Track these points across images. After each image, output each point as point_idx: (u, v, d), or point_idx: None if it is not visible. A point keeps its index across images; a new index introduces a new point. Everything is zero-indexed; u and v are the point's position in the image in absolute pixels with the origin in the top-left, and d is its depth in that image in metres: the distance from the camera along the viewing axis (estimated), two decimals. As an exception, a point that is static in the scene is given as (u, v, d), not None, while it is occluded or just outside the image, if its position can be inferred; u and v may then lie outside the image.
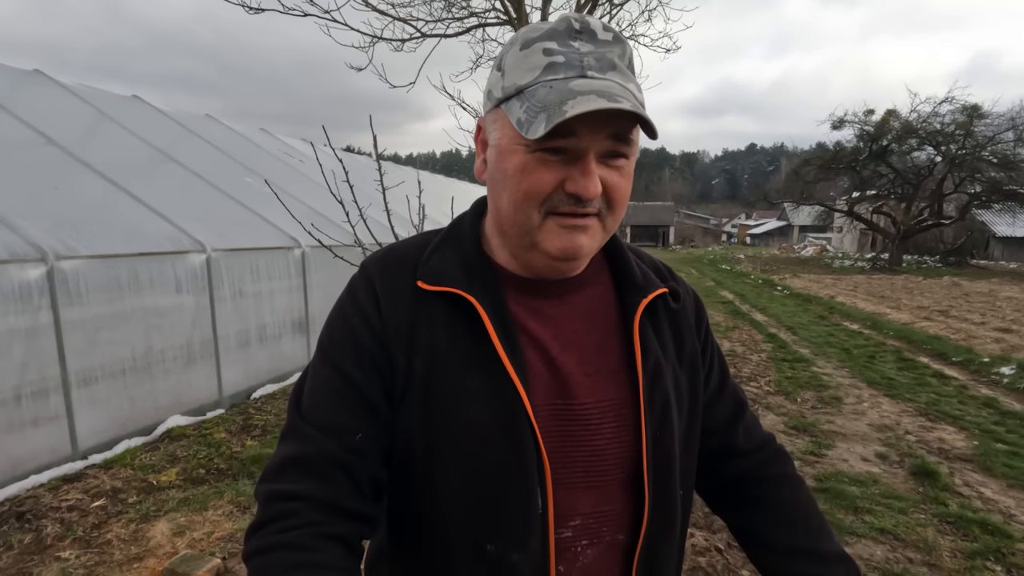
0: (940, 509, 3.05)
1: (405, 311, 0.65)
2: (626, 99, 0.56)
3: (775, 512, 0.79)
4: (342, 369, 0.65)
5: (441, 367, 0.63)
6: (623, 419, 0.67)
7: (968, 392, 5.36)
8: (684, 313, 0.77)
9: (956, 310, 10.88)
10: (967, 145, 20.55)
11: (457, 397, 0.62)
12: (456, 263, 0.67)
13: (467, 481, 0.62)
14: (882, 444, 4.00)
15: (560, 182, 0.59)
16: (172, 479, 3.13)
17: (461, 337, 0.64)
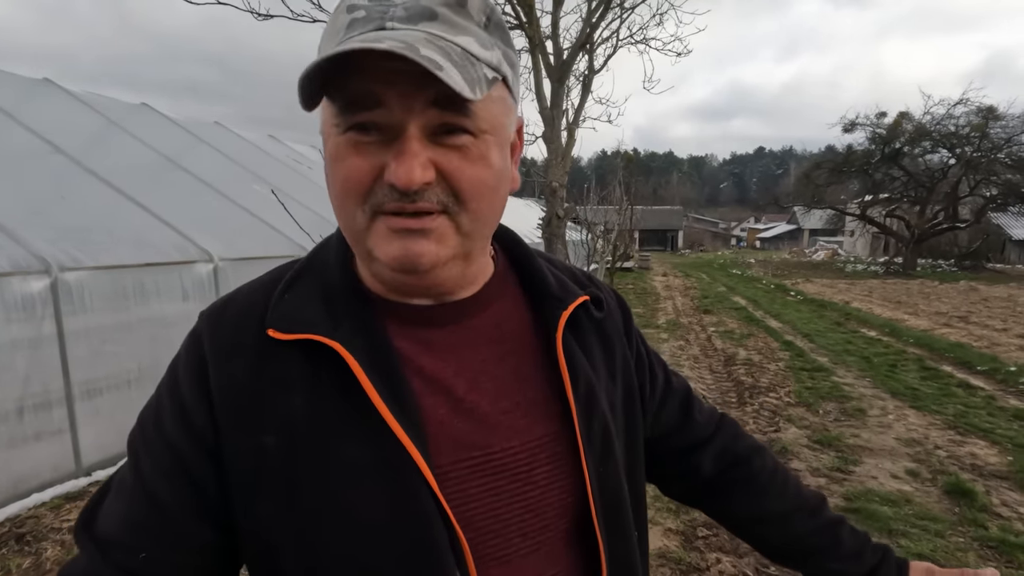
0: (980, 532, 2.89)
1: (246, 373, 0.50)
2: (434, 52, 0.42)
3: (757, 486, 0.75)
4: (138, 467, 0.51)
5: (305, 442, 0.48)
6: (557, 458, 0.55)
7: (996, 403, 5.17)
8: (610, 321, 0.66)
9: (976, 316, 10.64)
10: (982, 147, 20.25)
11: (329, 478, 0.48)
12: (315, 300, 0.52)
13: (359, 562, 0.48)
14: (912, 460, 3.84)
15: (379, 171, 0.46)
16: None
17: (327, 396, 0.49)
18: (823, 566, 0.72)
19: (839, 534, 0.72)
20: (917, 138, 21.59)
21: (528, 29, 6.22)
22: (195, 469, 0.50)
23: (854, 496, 3.27)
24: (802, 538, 0.73)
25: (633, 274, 20.54)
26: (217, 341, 0.52)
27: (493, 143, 0.49)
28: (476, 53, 0.46)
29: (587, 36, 6.43)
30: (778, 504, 0.74)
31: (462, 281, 0.55)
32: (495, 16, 0.50)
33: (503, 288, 0.60)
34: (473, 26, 0.47)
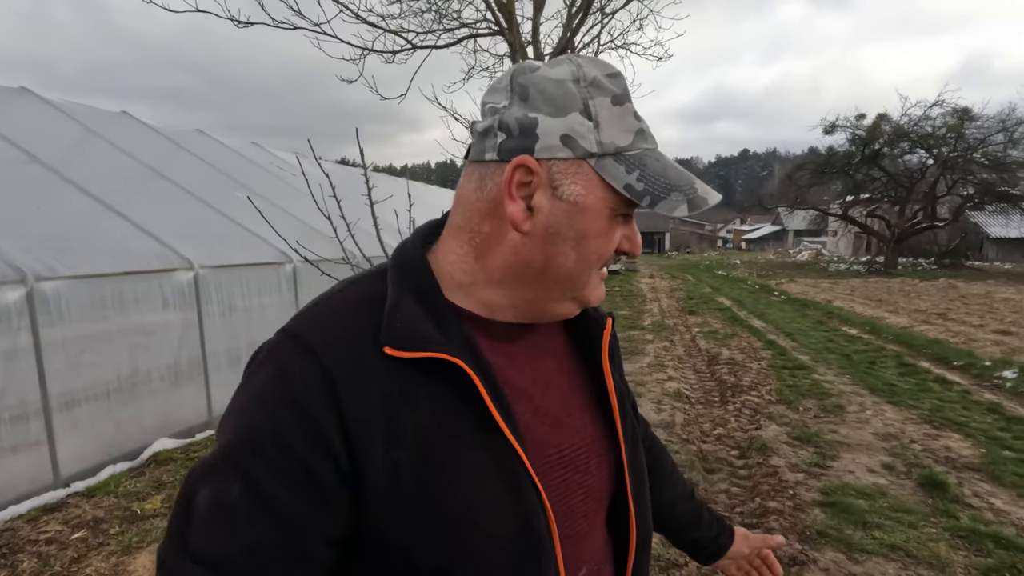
0: (951, 523, 2.95)
1: (372, 389, 0.51)
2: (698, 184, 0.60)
3: (663, 476, 0.91)
4: (255, 486, 0.48)
5: (434, 451, 0.52)
6: (605, 451, 0.66)
7: (971, 397, 5.28)
8: (615, 338, 0.75)
9: (954, 313, 10.84)
10: (958, 148, 20.67)
11: (458, 483, 0.52)
12: (425, 319, 0.55)
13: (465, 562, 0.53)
14: (888, 454, 3.91)
15: (626, 242, 0.60)
16: (157, 507, 3.01)
17: (449, 408, 0.53)
18: (688, 535, 0.93)
19: (702, 514, 0.94)
20: (895, 139, 21.99)
21: (508, 35, 6.28)
22: (327, 484, 0.50)
23: (831, 490, 3.33)
24: (680, 517, 0.92)
25: (620, 277, 20.66)
26: (337, 358, 0.52)
27: None
28: None
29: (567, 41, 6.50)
30: (671, 491, 0.92)
31: None
32: None
33: None
34: None
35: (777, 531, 2.88)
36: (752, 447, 4.07)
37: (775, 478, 3.54)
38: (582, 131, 0.55)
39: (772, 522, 2.97)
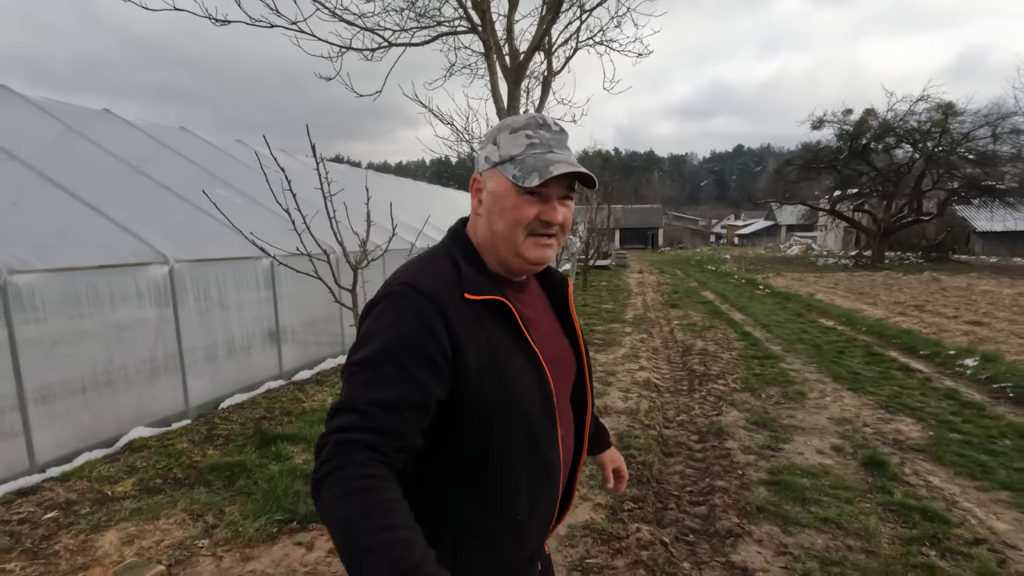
0: (885, 498, 3.11)
1: (463, 317, 0.90)
2: (578, 166, 0.93)
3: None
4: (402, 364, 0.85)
5: (496, 353, 0.92)
6: (572, 358, 1.10)
7: (931, 384, 5.45)
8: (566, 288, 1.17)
9: (931, 305, 11.03)
10: (943, 142, 20.88)
11: (510, 370, 0.93)
12: (479, 274, 0.97)
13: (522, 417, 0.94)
14: (839, 437, 4.07)
15: (537, 214, 0.94)
16: (128, 489, 3.14)
17: (502, 330, 0.94)
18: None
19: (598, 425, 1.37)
20: (882, 134, 22.18)
21: (483, 33, 6.39)
22: (441, 369, 0.87)
23: (777, 470, 3.48)
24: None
25: (609, 272, 20.80)
26: (443, 301, 0.89)
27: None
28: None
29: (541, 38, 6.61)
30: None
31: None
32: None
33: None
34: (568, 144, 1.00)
35: (720, 507, 3.03)
36: (711, 432, 4.22)
37: (727, 460, 3.69)
38: (491, 152, 0.98)
39: (716, 499, 3.12)
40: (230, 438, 3.97)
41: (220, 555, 2.51)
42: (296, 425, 4.13)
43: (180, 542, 2.61)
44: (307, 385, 5.45)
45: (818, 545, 2.67)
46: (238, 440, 3.90)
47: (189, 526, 2.74)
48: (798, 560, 2.55)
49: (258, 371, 5.40)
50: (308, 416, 4.36)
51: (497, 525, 0.97)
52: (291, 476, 3.18)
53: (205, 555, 2.51)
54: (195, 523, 2.77)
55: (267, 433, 3.88)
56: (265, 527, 2.70)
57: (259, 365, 5.44)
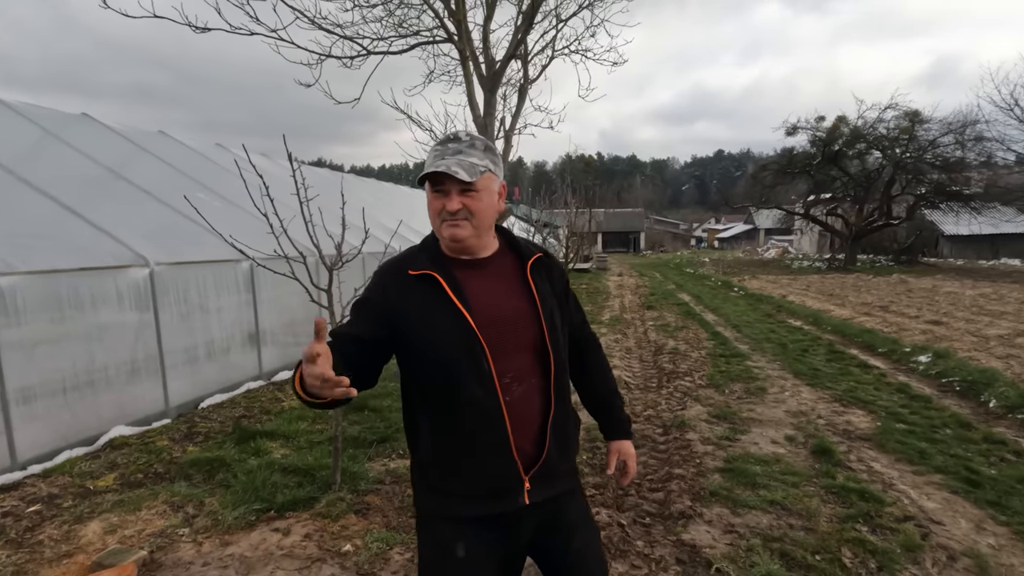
0: (828, 481, 3.35)
1: (400, 287, 1.29)
2: (452, 166, 1.21)
3: (587, 356, 1.57)
4: (357, 311, 1.31)
5: (425, 311, 1.25)
6: (528, 320, 1.30)
7: (886, 379, 5.75)
8: (554, 272, 1.42)
9: (896, 305, 11.46)
10: (911, 149, 21.60)
11: (435, 326, 1.25)
12: (425, 258, 1.30)
13: (446, 362, 1.24)
14: (793, 428, 4.32)
15: (443, 205, 1.25)
16: (109, 484, 3.25)
17: (432, 295, 1.26)
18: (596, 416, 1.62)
19: (610, 410, 1.60)
20: (853, 140, 22.87)
21: (459, 43, 6.58)
22: (378, 314, 1.28)
23: (732, 459, 3.71)
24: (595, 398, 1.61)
25: (589, 275, 21.09)
26: (388, 276, 1.32)
27: (485, 193, 1.27)
28: (475, 163, 1.25)
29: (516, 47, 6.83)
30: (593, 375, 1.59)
31: (479, 248, 1.32)
32: (488, 144, 1.30)
33: (504, 254, 1.38)
34: (475, 151, 1.27)
35: (676, 493, 3.24)
36: (674, 425, 4.44)
37: (687, 450, 3.91)
38: (425, 166, 1.27)
39: (673, 485, 3.33)
40: (210, 435, 4.08)
41: (200, 541, 2.64)
42: (275, 422, 4.25)
43: (161, 531, 2.73)
44: (287, 385, 5.57)
45: (763, 524, 2.89)
46: (218, 437, 4.01)
47: (170, 516, 2.86)
48: (743, 538, 2.76)
49: (238, 372, 5.50)
50: (287, 414, 4.49)
51: (448, 445, 1.28)
52: (269, 469, 3.31)
53: (186, 541, 2.64)
54: (176, 513, 2.89)
55: (246, 430, 4.00)
56: (244, 516, 2.84)
57: (239, 366, 5.54)
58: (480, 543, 1.27)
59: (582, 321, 1.55)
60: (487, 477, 1.27)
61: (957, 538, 2.75)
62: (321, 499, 2.98)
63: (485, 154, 1.28)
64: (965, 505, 3.10)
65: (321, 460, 3.41)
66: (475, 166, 1.24)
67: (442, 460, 1.29)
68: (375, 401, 4.69)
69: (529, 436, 1.29)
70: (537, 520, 1.33)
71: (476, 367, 1.22)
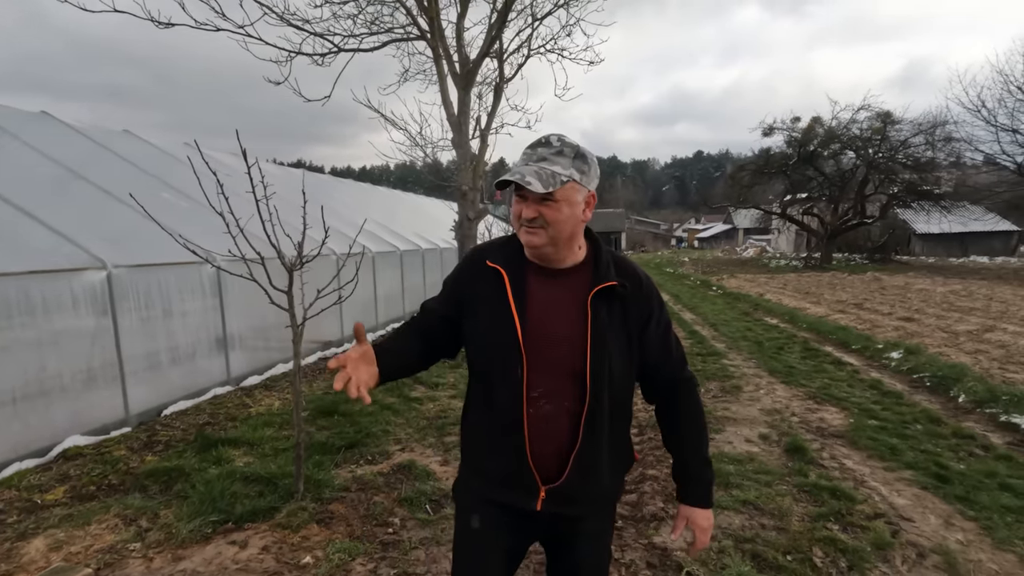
0: (800, 480, 3.34)
1: (481, 275, 1.33)
2: (530, 175, 1.19)
3: (674, 408, 1.43)
4: (443, 292, 1.43)
5: (492, 302, 1.29)
6: (574, 345, 1.25)
7: (859, 376, 5.80)
8: (633, 303, 1.31)
9: (870, 303, 11.64)
10: (883, 149, 22.04)
11: (491, 318, 1.28)
12: (506, 254, 1.32)
13: (486, 358, 1.32)
14: (767, 426, 4.31)
15: (520, 211, 1.24)
16: (59, 497, 3.09)
17: (499, 289, 1.28)
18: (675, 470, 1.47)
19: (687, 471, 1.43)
20: (828, 141, 23.26)
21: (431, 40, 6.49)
22: (451, 293, 1.40)
23: (706, 458, 3.67)
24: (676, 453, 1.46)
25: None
26: (471, 262, 1.38)
27: (565, 204, 1.22)
28: (558, 172, 1.21)
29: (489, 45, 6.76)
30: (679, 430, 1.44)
31: (556, 259, 1.29)
32: (579, 151, 1.25)
33: (585, 268, 1.32)
34: (562, 159, 1.23)
35: (648, 495, 3.19)
36: (649, 425, 4.40)
37: (661, 450, 3.87)
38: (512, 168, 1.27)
39: (646, 487, 3.28)
40: (171, 444, 3.92)
41: (151, 556, 2.51)
42: (240, 429, 4.11)
43: (111, 546, 2.59)
44: (255, 390, 5.41)
45: (735, 525, 2.85)
46: (179, 446, 3.86)
47: (121, 530, 2.73)
48: (714, 539, 2.71)
49: (204, 377, 5.33)
50: (253, 420, 4.35)
51: (478, 431, 1.38)
52: (230, 478, 3.18)
53: (136, 557, 2.51)
54: (128, 527, 2.76)
55: (209, 438, 3.86)
56: (200, 528, 2.71)
57: (205, 371, 5.36)
58: (493, 523, 1.33)
59: (666, 361, 1.38)
60: (505, 473, 1.30)
61: (926, 535, 2.74)
62: (282, 509, 2.87)
63: (573, 162, 1.23)
64: (934, 501, 3.10)
65: (285, 468, 3.30)
66: (556, 176, 1.20)
67: (473, 441, 1.39)
68: (346, 406, 4.57)
69: (551, 454, 1.28)
70: (550, 526, 1.36)
71: (509, 373, 1.25)
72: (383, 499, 3.07)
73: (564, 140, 1.25)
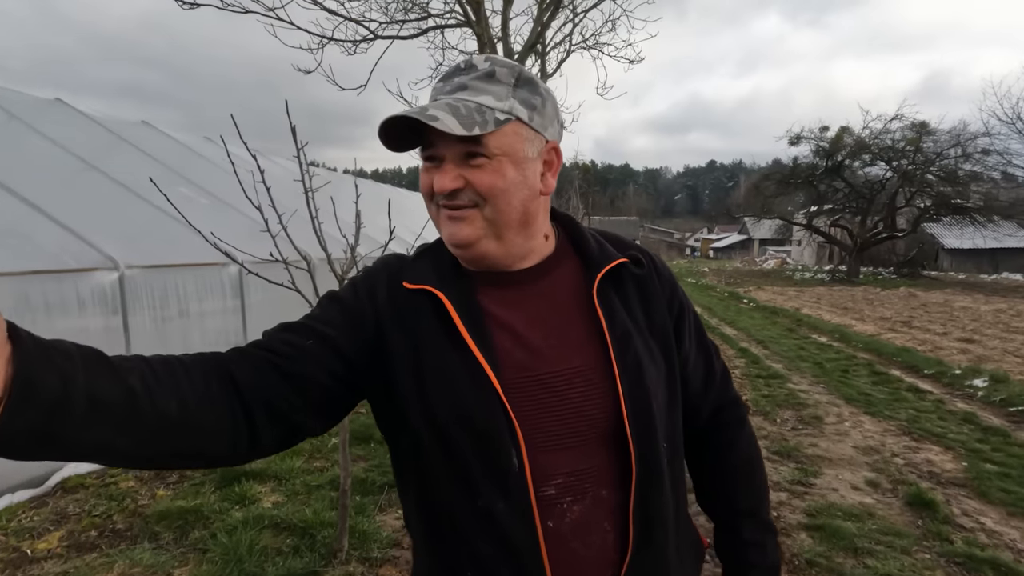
0: (946, 547, 2.75)
1: (392, 301, 0.78)
2: (439, 110, 0.69)
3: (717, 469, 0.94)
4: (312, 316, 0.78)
5: (425, 346, 0.75)
6: (591, 383, 0.74)
7: (945, 407, 5.19)
8: (652, 282, 0.84)
9: (917, 321, 10.99)
10: (916, 161, 21.32)
11: (440, 371, 0.73)
12: (431, 268, 0.79)
13: (447, 446, 0.72)
14: (870, 469, 3.72)
15: (431, 183, 0.74)
16: (52, 546, 2.57)
17: (437, 323, 0.75)
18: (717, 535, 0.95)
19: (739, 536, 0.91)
20: (857, 151, 22.57)
21: (476, 27, 5.99)
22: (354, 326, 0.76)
23: (816, 511, 3.09)
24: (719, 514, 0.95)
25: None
26: (382, 280, 0.80)
27: (507, 162, 0.73)
28: (489, 105, 0.72)
29: (537, 37, 6.25)
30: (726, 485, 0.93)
31: (507, 257, 0.78)
32: (523, 75, 0.75)
33: (561, 260, 0.83)
34: (495, 87, 0.73)
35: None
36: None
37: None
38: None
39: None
40: (186, 474, 3.40)
41: (164, 641, 1.98)
42: (266, 459, 3.58)
43: (113, 621, 2.07)
44: (278, 407, 4.89)
45: (887, 611, 2.28)
46: (195, 477, 3.34)
47: (127, 597, 2.20)
48: (869, 632, 2.15)
49: (222, 391, 4.83)
50: (279, 446, 3.82)
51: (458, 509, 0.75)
52: (257, 526, 2.65)
53: (144, 641, 1.98)
54: (135, 593, 2.23)
55: (231, 469, 3.33)
56: (224, 599, 2.18)
57: (223, 384, 4.86)
58: None
59: (709, 377, 0.91)
60: None
61: None
62: (324, 574, 2.33)
63: (514, 91, 0.73)
64: (1125, 582, 2.51)
65: (322, 514, 2.76)
66: (485, 110, 0.70)
67: (441, 529, 0.77)
68: (382, 430, 4.04)
69: None
70: None
71: (495, 461, 0.71)
72: (444, 560, 2.52)
73: (496, 59, 0.75)
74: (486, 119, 0.70)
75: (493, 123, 0.70)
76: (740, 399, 0.97)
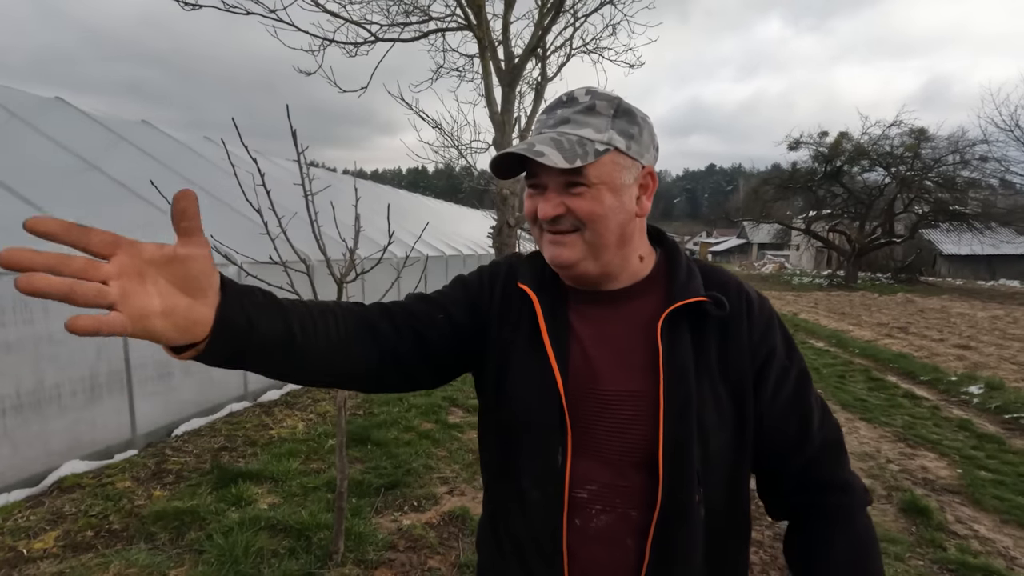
0: (939, 554, 2.76)
1: (505, 293, 0.89)
2: (544, 144, 0.75)
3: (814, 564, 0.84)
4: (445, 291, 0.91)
5: (519, 337, 0.85)
6: (640, 409, 0.78)
7: (941, 413, 5.21)
8: (738, 324, 0.82)
9: (914, 327, 11.02)
10: (915, 167, 21.38)
11: (523, 362, 0.84)
12: (535, 269, 0.89)
13: (507, 427, 0.85)
14: (866, 475, 3.74)
15: (534, 209, 0.81)
16: (48, 546, 2.57)
17: (528, 327, 0.84)
18: None
19: None
20: (856, 157, 22.63)
21: (477, 31, 6.00)
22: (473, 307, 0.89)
23: (811, 517, 3.11)
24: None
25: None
26: (502, 274, 0.91)
27: (605, 189, 0.77)
28: (590, 137, 0.76)
29: (538, 40, 6.27)
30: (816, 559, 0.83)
31: (603, 276, 0.84)
32: (622, 106, 0.80)
33: (650, 287, 0.86)
34: (595, 119, 0.78)
35: (757, 565, 2.63)
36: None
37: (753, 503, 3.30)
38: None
39: (753, 555, 2.72)
40: (183, 475, 3.40)
41: (159, 643, 1.98)
42: (262, 459, 3.58)
43: (108, 622, 2.07)
44: (275, 408, 4.89)
45: (880, 617, 2.29)
46: (192, 478, 3.34)
47: (122, 598, 2.20)
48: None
49: (219, 391, 4.82)
50: (276, 447, 3.82)
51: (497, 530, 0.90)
52: (253, 527, 2.66)
53: (139, 642, 1.98)
54: (130, 594, 2.23)
55: (227, 469, 3.33)
56: (219, 600, 2.19)
57: (221, 384, 4.85)
58: None
59: (801, 440, 0.83)
60: None
61: None
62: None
63: (613, 122, 0.77)
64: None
65: (318, 516, 2.76)
66: (586, 143, 0.75)
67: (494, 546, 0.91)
68: (378, 433, 4.04)
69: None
70: None
71: (540, 455, 0.80)
72: (439, 564, 2.52)
73: (597, 93, 0.80)
74: (587, 151, 0.75)
75: (593, 154, 0.75)
76: (856, 486, 0.85)
